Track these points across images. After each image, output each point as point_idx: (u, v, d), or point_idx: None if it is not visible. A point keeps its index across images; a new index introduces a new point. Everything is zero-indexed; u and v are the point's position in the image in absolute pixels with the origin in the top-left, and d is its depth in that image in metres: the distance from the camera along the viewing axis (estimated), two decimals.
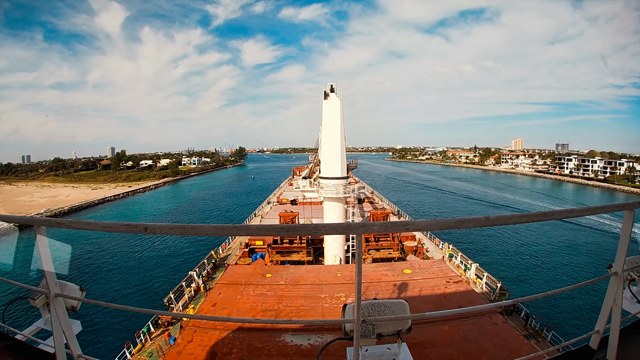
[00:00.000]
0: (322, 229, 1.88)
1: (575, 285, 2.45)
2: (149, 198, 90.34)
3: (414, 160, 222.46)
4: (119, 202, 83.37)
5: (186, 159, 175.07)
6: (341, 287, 15.83)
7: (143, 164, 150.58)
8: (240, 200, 77.57)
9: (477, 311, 12.94)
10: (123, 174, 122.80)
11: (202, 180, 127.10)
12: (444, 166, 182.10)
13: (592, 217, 50.28)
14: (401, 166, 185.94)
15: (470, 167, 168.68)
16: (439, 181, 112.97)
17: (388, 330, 2.39)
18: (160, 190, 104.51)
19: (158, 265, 36.77)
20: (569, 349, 2.34)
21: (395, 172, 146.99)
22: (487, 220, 1.57)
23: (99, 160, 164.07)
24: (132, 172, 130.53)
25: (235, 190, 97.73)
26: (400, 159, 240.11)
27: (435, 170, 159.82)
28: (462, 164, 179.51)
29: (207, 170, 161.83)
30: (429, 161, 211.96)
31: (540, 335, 14.52)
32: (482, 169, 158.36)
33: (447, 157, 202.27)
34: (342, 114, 24.15)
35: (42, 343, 2.40)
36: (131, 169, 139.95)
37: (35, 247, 1.88)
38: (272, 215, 36.70)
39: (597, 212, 1.82)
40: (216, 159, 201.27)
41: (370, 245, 24.82)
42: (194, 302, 17.81)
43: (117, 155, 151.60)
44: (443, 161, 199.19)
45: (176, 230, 1.50)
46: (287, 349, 11.11)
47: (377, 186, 79.27)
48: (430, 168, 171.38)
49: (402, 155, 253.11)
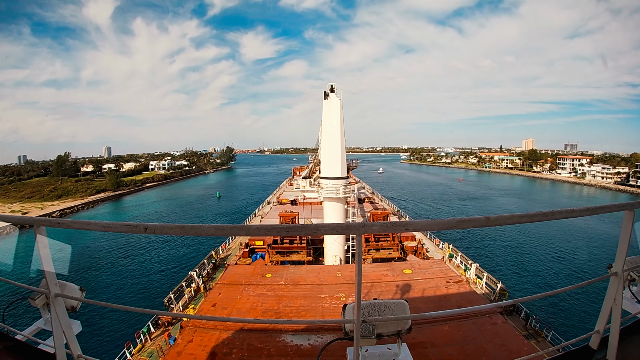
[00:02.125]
0: (322, 229, 1.88)
1: (575, 285, 2.45)
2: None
3: (438, 164, 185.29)
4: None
5: (154, 162, 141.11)
6: (341, 287, 15.84)
7: (105, 169, 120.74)
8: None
9: (477, 311, 12.94)
10: (51, 186, 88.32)
11: (149, 196, 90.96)
12: (480, 172, 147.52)
13: (592, 217, 50.29)
14: (428, 172, 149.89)
15: (516, 173, 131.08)
16: (516, 202, 73.89)
17: (388, 330, 2.39)
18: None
19: (158, 265, 36.77)
20: (569, 349, 2.34)
21: (427, 183, 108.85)
22: (487, 220, 1.57)
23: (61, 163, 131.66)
24: (69, 182, 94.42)
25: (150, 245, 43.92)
26: (419, 162, 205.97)
27: (475, 177, 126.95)
28: (504, 169, 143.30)
29: (173, 179, 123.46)
30: (457, 165, 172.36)
31: (540, 335, 14.51)
32: (534, 177, 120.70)
33: (483, 160, 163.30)
34: (342, 114, 24.15)
35: (42, 343, 2.40)
36: (88, 175, 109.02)
37: (35, 247, 1.88)
38: (272, 215, 36.70)
39: (597, 212, 1.82)
40: (199, 161, 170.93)
41: (370, 245, 24.82)
42: (194, 302, 17.80)
43: (58, 158, 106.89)
44: (478, 165, 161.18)
45: (176, 230, 1.50)
46: (287, 349, 11.11)
47: (422, 214, 58.25)
48: (464, 175, 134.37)
49: (421, 157, 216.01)
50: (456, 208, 67.76)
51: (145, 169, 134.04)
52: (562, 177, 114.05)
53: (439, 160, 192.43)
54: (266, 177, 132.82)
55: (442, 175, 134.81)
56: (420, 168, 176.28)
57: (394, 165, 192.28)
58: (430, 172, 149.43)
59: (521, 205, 71.82)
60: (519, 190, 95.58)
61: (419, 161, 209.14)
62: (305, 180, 40.04)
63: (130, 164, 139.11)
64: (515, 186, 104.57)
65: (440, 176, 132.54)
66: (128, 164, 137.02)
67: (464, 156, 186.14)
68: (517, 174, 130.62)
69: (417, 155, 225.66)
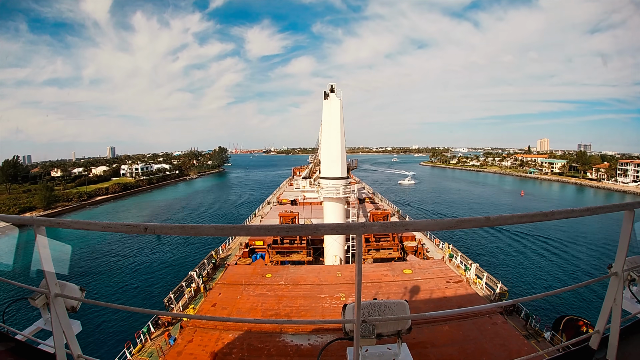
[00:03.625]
0: (322, 229, 1.88)
1: (575, 285, 2.45)
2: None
3: (466, 167, 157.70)
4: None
5: (126, 167, 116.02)
6: (341, 287, 15.84)
7: (75, 173, 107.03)
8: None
9: (477, 311, 12.94)
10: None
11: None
12: (522, 179, 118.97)
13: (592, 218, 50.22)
14: (462, 179, 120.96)
15: (572, 182, 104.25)
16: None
17: (388, 330, 2.39)
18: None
19: (158, 265, 36.78)
20: (569, 349, 2.34)
21: (478, 198, 79.43)
22: (487, 220, 1.57)
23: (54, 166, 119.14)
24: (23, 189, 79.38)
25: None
26: (442, 164, 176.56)
27: (524, 187, 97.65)
28: (551, 174, 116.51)
29: (137, 189, 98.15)
30: (490, 169, 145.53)
31: (540, 335, 14.51)
32: (597, 187, 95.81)
33: (525, 163, 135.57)
34: (342, 114, 24.15)
35: (42, 343, 2.40)
36: (55, 181, 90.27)
37: (35, 247, 1.88)
38: (272, 215, 36.70)
39: (597, 212, 1.82)
40: (185, 163, 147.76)
41: (370, 245, 24.82)
42: (194, 302, 17.81)
43: (6, 163, 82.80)
44: (516, 169, 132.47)
45: (176, 230, 1.50)
46: (287, 349, 11.11)
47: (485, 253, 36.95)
48: (503, 181, 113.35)
49: (444, 159, 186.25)
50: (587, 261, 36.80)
51: (116, 174, 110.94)
52: (631, 188, 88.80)
53: (466, 164, 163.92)
54: (270, 179, 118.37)
55: (485, 185, 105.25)
56: (445, 173, 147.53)
57: (413, 168, 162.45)
58: (466, 180, 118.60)
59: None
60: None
61: (442, 163, 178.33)
62: (305, 180, 40.08)
63: (100, 167, 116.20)
64: (598, 201, 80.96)
65: (484, 186, 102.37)
66: (99, 168, 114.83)
67: (492, 158, 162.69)
68: (572, 183, 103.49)
69: (439, 157, 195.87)
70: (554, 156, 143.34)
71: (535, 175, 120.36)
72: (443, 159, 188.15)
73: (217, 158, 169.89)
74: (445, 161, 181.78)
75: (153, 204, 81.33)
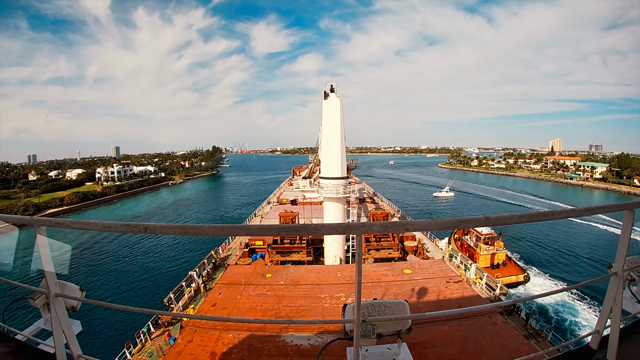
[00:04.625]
0: (322, 229, 1.88)
1: (575, 285, 2.46)
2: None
3: (490, 171, 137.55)
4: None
5: (101, 169, 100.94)
6: (341, 287, 15.84)
7: (51, 177, 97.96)
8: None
9: (477, 311, 12.94)
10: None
11: None
12: (560, 185, 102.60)
13: (592, 217, 50.23)
14: (496, 188, 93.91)
15: (623, 190, 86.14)
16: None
17: (388, 330, 2.39)
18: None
19: (158, 265, 36.80)
20: (569, 349, 2.34)
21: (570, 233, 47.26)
22: (487, 220, 1.57)
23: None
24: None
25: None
26: (462, 167, 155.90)
27: (567, 196, 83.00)
28: (593, 180, 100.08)
29: (102, 199, 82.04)
30: (521, 173, 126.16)
31: (540, 335, 14.51)
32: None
33: (560, 167, 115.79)
34: (342, 114, 24.16)
35: (42, 343, 2.40)
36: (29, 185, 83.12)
37: (35, 247, 1.88)
38: (272, 215, 36.70)
39: (597, 212, 1.82)
40: (170, 166, 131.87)
41: (370, 245, 24.83)
42: (194, 302, 17.81)
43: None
44: (554, 175, 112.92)
45: (176, 230, 1.50)
46: (287, 349, 11.11)
47: None
48: (538, 187, 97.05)
49: (463, 161, 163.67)
50: None
51: (92, 179, 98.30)
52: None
53: (490, 166, 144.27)
54: (263, 183, 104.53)
55: (537, 197, 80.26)
56: (469, 177, 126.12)
57: (432, 172, 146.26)
58: (502, 188, 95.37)
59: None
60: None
61: (462, 165, 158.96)
62: (305, 180, 40.06)
63: (76, 170, 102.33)
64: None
65: (538, 199, 77.74)
66: (74, 171, 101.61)
67: (513, 159, 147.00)
68: (624, 191, 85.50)
69: (458, 158, 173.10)
70: (592, 159, 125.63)
71: (579, 182, 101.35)
72: (464, 160, 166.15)
73: (209, 159, 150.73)
74: (465, 163, 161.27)
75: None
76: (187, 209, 73.61)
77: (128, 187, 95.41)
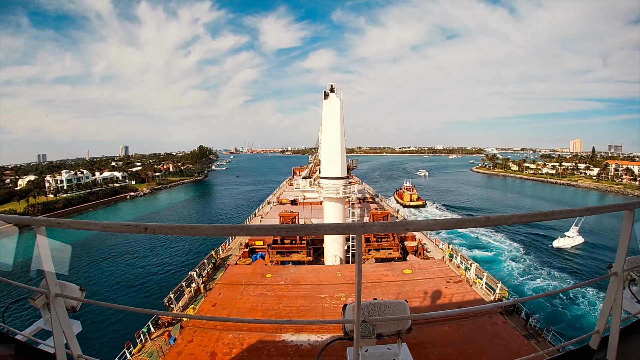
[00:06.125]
0: (322, 229, 1.87)
1: (575, 285, 2.46)
2: None
3: (533, 177, 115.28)
4: None
5: (49, 177, 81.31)
6: (341, 287, 15.83)
7: (7, 183, 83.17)
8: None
9: (477, 311, 12.93)
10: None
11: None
12: (625, 195, 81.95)
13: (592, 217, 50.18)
14: (555, 198, 79.20)
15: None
16: None
17: (388, 330, 2.39)
18: None
19: (158, 265, 36.79)
20: (569, 349, 2.34)
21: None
22: (487, 220, 1.57)
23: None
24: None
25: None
26: (500, 172, 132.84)
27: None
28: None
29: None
30: (583, 182, 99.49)
31: (540, 335, 14.50)
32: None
33: (633, 176, 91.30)
34: (342, 114, 24.18)
35: (42, 343, 2.40)
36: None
37: (35, 247, 1.88)
38: (272, 215, 36.69)
39: (597, 212, 1.82)
40: (143, 170, 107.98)
41: (370, 245, 24.81)
42: (194, 302, 17.81)
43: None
44: (608, 182, 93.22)
45: (176, 230, 1.50)
46: (287, 349, 11.11)
47: None
48: (602, 198, 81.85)
49: (503, 165, 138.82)
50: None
51: (39, 188, 77.98)
52: None
53: (539, 172, 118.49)
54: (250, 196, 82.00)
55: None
56: (514, 187, 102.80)
57: (468, 179, 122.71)
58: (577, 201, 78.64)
59: None
60: None
61: (501, 170, 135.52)
62: (305, 180, 40.05)
63: (27, 177, 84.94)
64: None
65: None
66: (26, 178, 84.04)
67: (554, 162, 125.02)
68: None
69: (496, 161, 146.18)
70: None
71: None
72: (504, 163, 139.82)
73: (197, 162, 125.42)
74: (505, 167, 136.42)
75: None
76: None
77: (62, 204, 73.32)
